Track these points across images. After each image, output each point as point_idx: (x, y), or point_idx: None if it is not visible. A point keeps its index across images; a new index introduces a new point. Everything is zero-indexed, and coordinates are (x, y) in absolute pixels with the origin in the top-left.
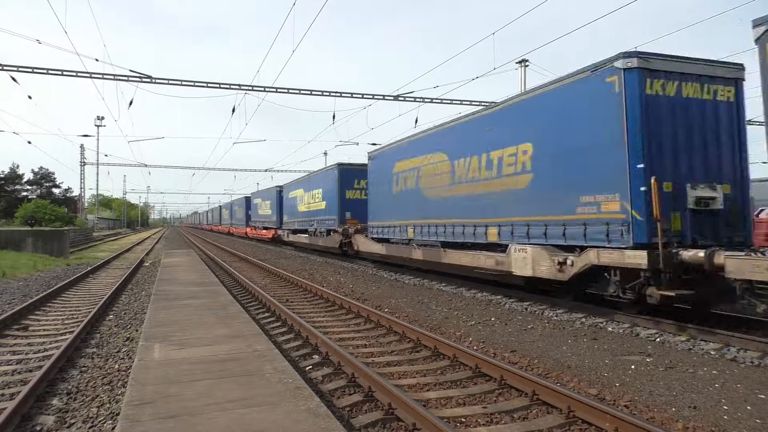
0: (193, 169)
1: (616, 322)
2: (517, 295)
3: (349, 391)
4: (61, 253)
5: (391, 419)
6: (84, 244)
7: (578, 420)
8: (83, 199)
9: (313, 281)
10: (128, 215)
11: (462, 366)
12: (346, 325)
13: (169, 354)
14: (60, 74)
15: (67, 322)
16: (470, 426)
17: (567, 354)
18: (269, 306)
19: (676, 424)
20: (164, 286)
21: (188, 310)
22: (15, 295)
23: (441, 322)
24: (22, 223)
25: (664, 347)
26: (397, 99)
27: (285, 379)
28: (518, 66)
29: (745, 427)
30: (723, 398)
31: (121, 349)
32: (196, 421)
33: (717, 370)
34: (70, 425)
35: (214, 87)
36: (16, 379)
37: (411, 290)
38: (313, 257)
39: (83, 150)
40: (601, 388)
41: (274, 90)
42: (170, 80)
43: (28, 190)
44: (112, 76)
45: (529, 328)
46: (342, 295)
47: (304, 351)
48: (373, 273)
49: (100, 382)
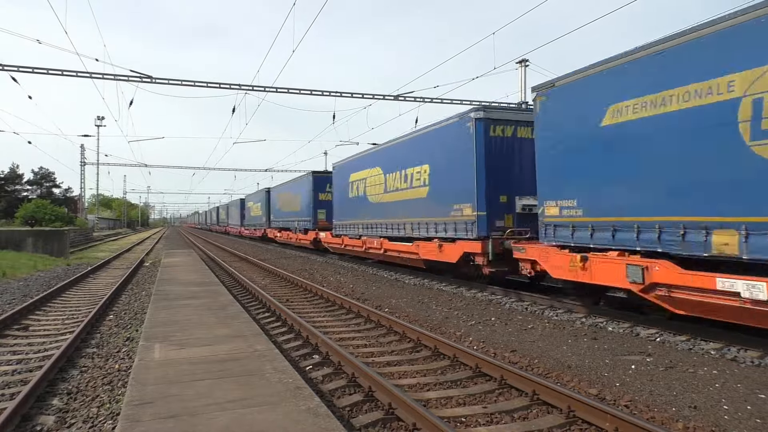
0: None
1: (616, 322)
2: (518, 295)
3: (350, 391)
4: (61, 253)
5: (391, 419)
6: (84, 244)
7: (578, 420)
8: (83, 199)
9: (313, 281)
10: (128, 215)
11: (462, 366)
12: (346, 324)
13: (169, 354)
14: (60, 74)
15: (68, 322)
16: (470, 426)
17: (567, 354)
18: (269, 306)
19: (676, 424)
20: (164, 286)
21: (188, 310)
22: (15, 295)
23: (441, 322)
24: (22, 223)
25: (665, 347)
26: (397, 99)
27: (285, 379)
28: (518, 66)
29: (745, 427)
30: (723, 398)
31: (121, 349)
32: (197, 421)
33: (717, 369)
34: (71, 425)
35: (215, 87)
36: (17, 379)
37: (411, 290)
38: (313, 257)
39: (83, 150)
40: (602, 388)
41: (274, 90)
42: (170, 80)
43: (28, 190)
44: (112, 76)
45: (530, 328)
46: (342, 294)
47: (304, 351)
48: (373, 273)
49: (101, 382)
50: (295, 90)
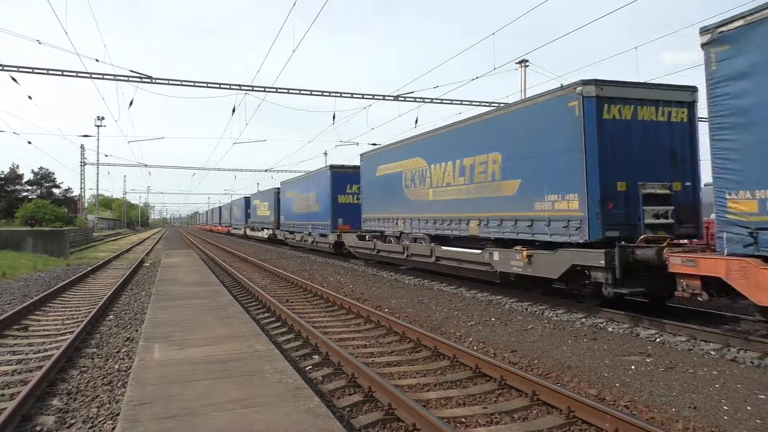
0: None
1: (616, 323)
2: (518, 295)
3: (349, 392)
4: (61, 253)
5: (391, 419)
6: (84, 244)
7: (578, 420)
8: (83, 200)
9: (313, 281)
10: (128, 215)
11: (462, 366)
12: (346, 325)
13: (169, 354)
14: (60, 74)
15: (67, 322)
16: (470, 426)
17: (567, 354)
18: (269, 306)
19: (676, 425)
20: (164, 286)
21: (188, 311)
22: (15, 296)
23: (441, 323)
24: (22, 223)
25: (664, 347)
26: (397, 99)
27: (285, 379)
28: (518, 66)
29: (745, 427)
30: (723, 398)
31: (121, 350)
32: (197, 421)
33: (717, 370)
34: (70, 425)
35: (214, 87)
36: (17, 379)
37: (411, 290)
38: (313, 257)
39: (83, 150)
40: (601, 389)
41: (274, 90)
42: (170, 80)
43: (28, 190)
44: (112, 76)
45: (530, 329)
46: (342, 295)
47: (304, 351)
48: (373, 273)
49: (100, 382)
50: (295, 90)
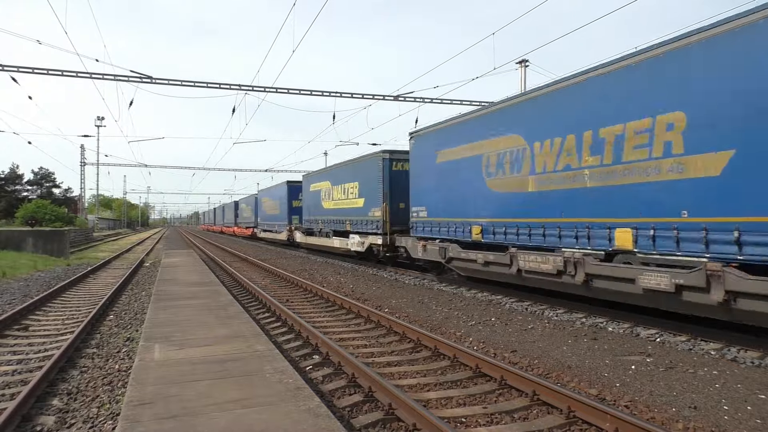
0: (193, 169)
1: (616, 322)
2: (517, 295)
3: (350, 392)
4: (61, 253)
5: (391, 419)
6: (84, 244)
7: (578, 420)
8: (83, 199)
9: (313, 281)
10: (128, 215)
11: (462, 366)
12: (346, 325)
13: (169, 354)
14: (60, 74)
15: (68, 322)
16: (470, 426)
17: (567, 354)
18: (269, 306)
19: (676, 425)
20: (164, 286)
21: (188, 311)
22: (15, 295)
23: (441, 323)
24: (22, 223)
25: (665, 347)
26: (397, 99)
27: (285, 379)
28: (518, 66)
29: (745, 427)
30: (723, 398)
31: (121, 350)
32: (197, 421)
33: (717, 370)
34: (71, 425)
35: (214, 87)
36: (17, 380)
37: (411, 290)
38: (312, 257)
39: (83, 150)
40: (602, 389)
41: (274, 90)
42: (170, 80)
43: (29, 190)
44: (112, 76)
45: (530, 329)
46: (342, 295)
47: (304, 351)
48: (373, 273)
49: (101, 382)
50: (295, 90)
